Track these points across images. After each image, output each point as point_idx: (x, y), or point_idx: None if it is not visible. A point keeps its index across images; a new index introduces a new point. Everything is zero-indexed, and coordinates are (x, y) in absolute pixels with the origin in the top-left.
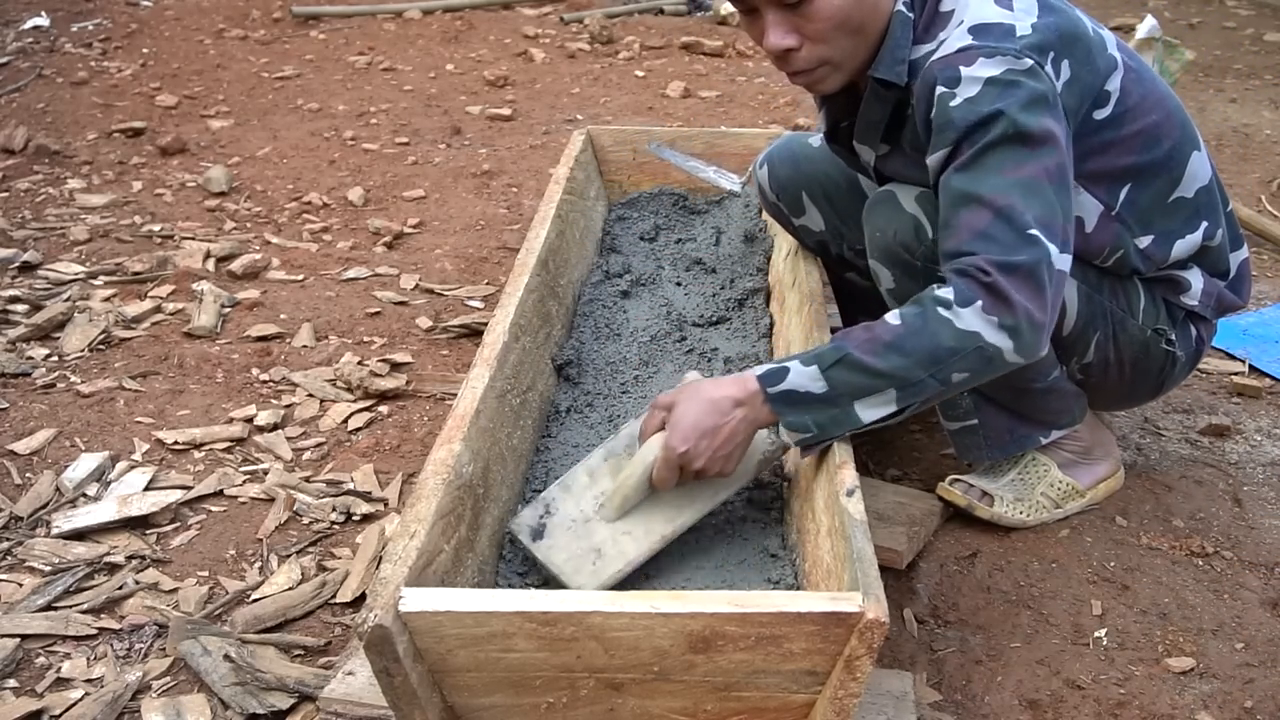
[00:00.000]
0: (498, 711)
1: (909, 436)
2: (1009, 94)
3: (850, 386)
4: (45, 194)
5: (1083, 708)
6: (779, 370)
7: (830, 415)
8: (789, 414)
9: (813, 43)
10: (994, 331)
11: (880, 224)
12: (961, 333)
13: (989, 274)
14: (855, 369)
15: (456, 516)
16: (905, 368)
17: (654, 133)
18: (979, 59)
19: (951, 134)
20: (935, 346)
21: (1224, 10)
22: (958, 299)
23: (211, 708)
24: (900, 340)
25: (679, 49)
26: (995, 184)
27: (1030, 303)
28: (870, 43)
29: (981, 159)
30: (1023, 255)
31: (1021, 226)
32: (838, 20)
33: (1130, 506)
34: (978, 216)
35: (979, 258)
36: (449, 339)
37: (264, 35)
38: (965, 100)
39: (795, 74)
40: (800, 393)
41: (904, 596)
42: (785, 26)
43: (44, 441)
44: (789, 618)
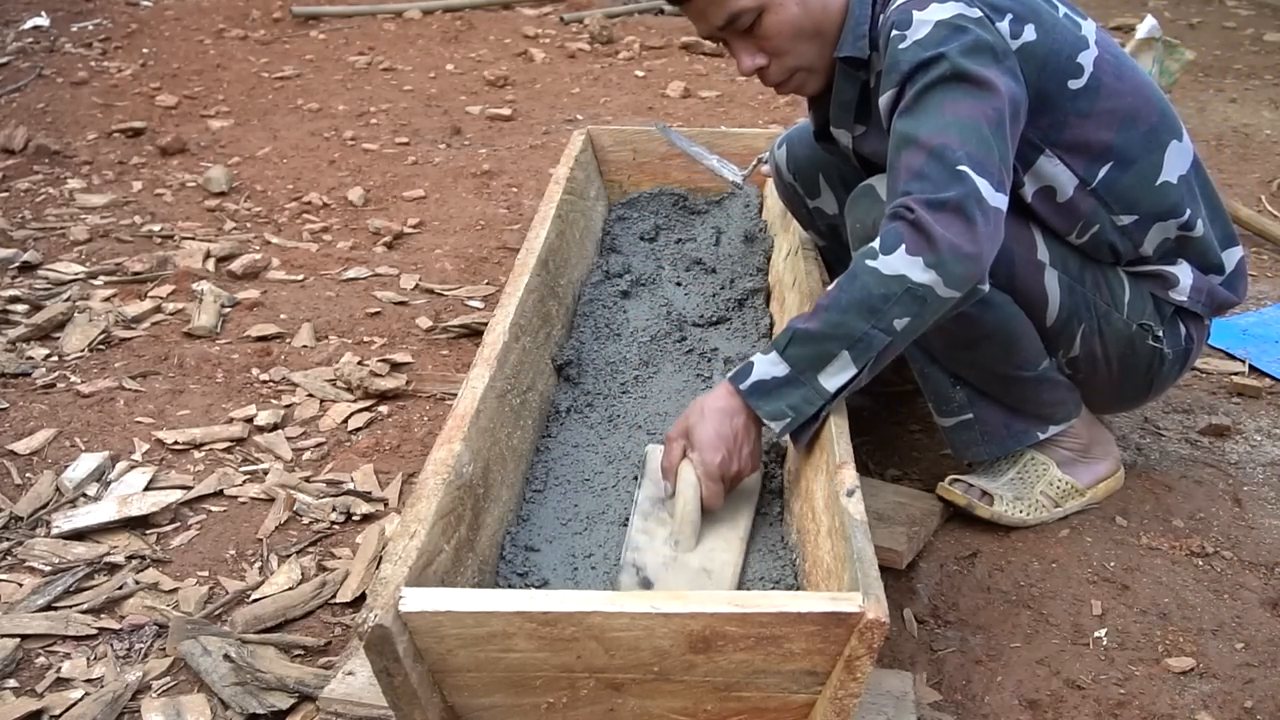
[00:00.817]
0: (498, 711)
1: (909, 436)
2: (954, 38)
3: (807, 359)
4: (45, 194)
5: (1083, 708)
6: (745, 367)
7: (800, 394)
8: (764, 404)
9: (777, 57)
10: (920, 270)
11: (860, 215)
12: (887, 278)
13: (914, 211)
14: (805, 341)
15: (456, 516)
16: (844, 323)
17: (654, 133)
18: (931, 3)
19: (896, 75)
20: (866, 295)
21: (1224, 10)
22: (881, 246)
23: (211, 708)
24: (834, 299)
25: (679, 49)
26: (932, 124)
27: (957, 236)
28: (833, 38)
29: (921, 100)
30: (950, 191)
31: (952, 163)
32: (790, 31)
33: (1130, 506)
34: (914, 157)
35: (909, 198)
36: (449, 339)
37: (264, 35)
38: (914, 42)
39: (776, 87)
40: (768, 381)
41: (904, 596)
42: (750, 49)
43: (44, 441)
44: (789, 618)
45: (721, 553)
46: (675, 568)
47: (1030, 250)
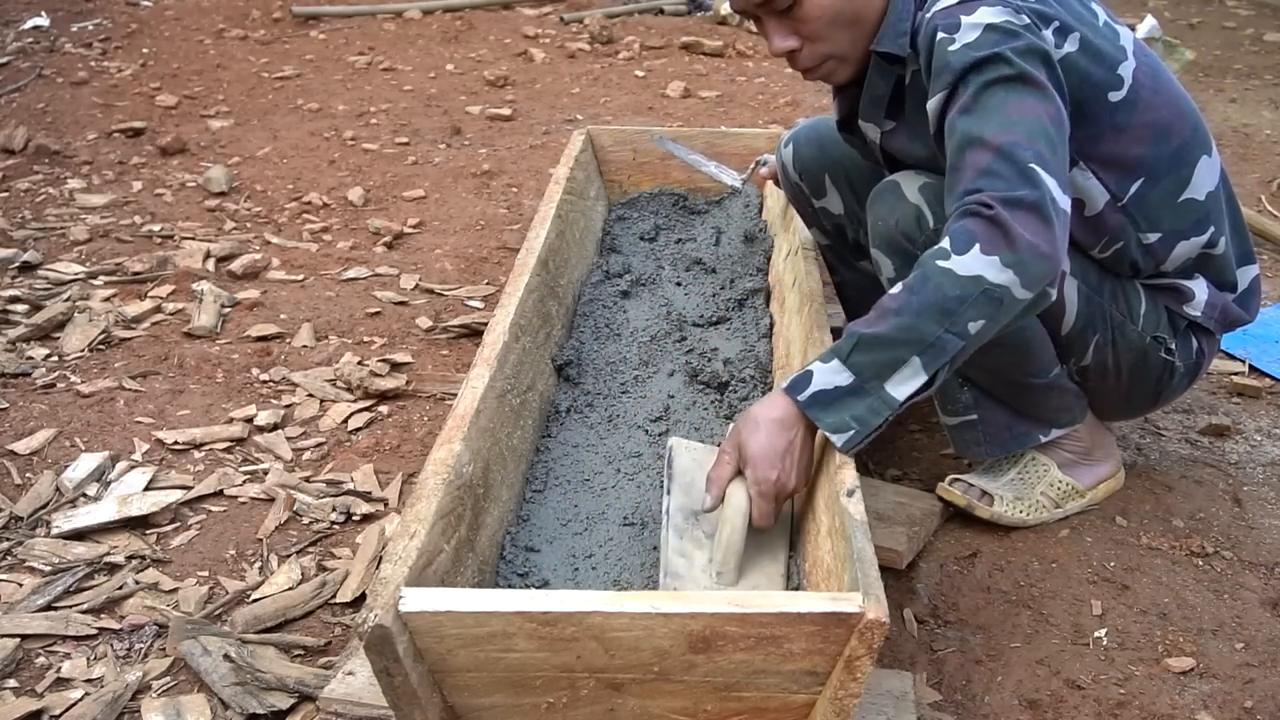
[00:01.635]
0: (498, 711)
1: (909, 436)
2: (1007, 41)
3: (874, 367)
4: (45, 194)
5: (1083, 708)
6: (803, 376)
7: (865, 405)
8: (826, 416)
9: (811, 42)
10: (997, 270)
11: (882, 213)
12: (963, 279)
13: (992, 207)
14: (873, 346)
15: (456, 516)
16: (917, 328)
17: (654, 133)
18: (980, 7)
19: (949, 76)
20: (941, 298)
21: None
22: (954, 246)
23: (211, 708)
24: (906, 303)
25: (679, 49)
26: (997, 121)
27: (1035, 236)
28: (870, 29)
29: (981, 98)
30: (1025, 190)
31: (1023, 161)
32: (828, 18)
33: (1130, 506)
34: (981, 155)
35: (983, 194)
36: (449, 339)
37: (264, 35)
38: (964, 45)
39: (804, 72)
40: (829, 390)
41: (904, 596)
42: (783, 30)
43: (44, 441)
44: (789, 618)
45: (765, 586)
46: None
47: None
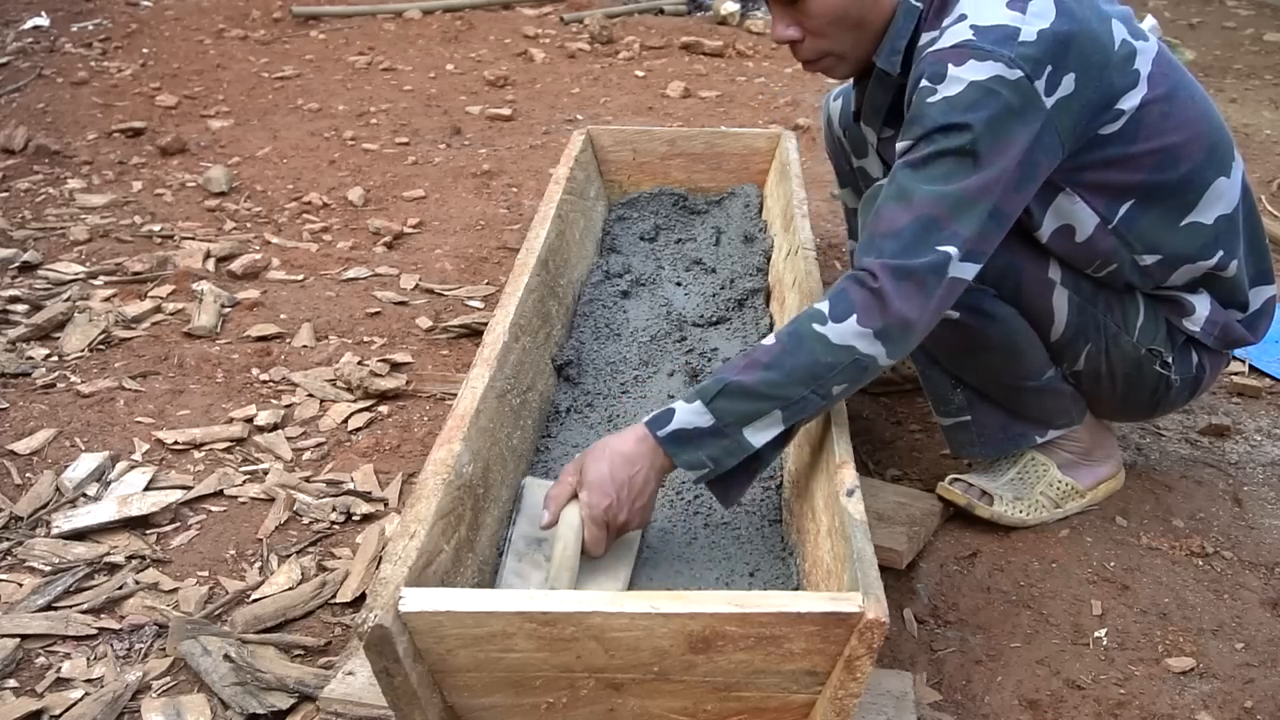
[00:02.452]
0: (498, 711)
1: (909, 436)
2: (985, 104)
3: (735, 414)
4: (45, 194)
5: (1083, 708)
6: (665, 413)
7: (722, 446)
8: (682, 453)
9: (813, 36)
10: (868, 342)
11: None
12: (836, 347)
13: (875, 278)
14: (737, 396)
15: (456, 516)
16: (784, 386)
17: (654, 133)
18: (969, 60)
19: (918, 129)
20: (812, 363)
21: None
22: (832, 313)
23: (211, 708)
24: (778, 360)
25: (679, 49)
26: (929, 190)
27: (907, 308)
28: (874, 34)
29: (931, 163)
30: (916, 260)
31: (933, 241)
32: (832, 16)
33: (1130, 506)
34: (899, 214)
35: (875, 262)
36: (449, 339)
37: (264, 35)
38: (944, 99)
39: (804, 63)
40: (689, 430)
41: (904, 596)
42: (787, 20)
43: (44, 441)
44: (789, 618)
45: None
46: None
47: (1041, 269)
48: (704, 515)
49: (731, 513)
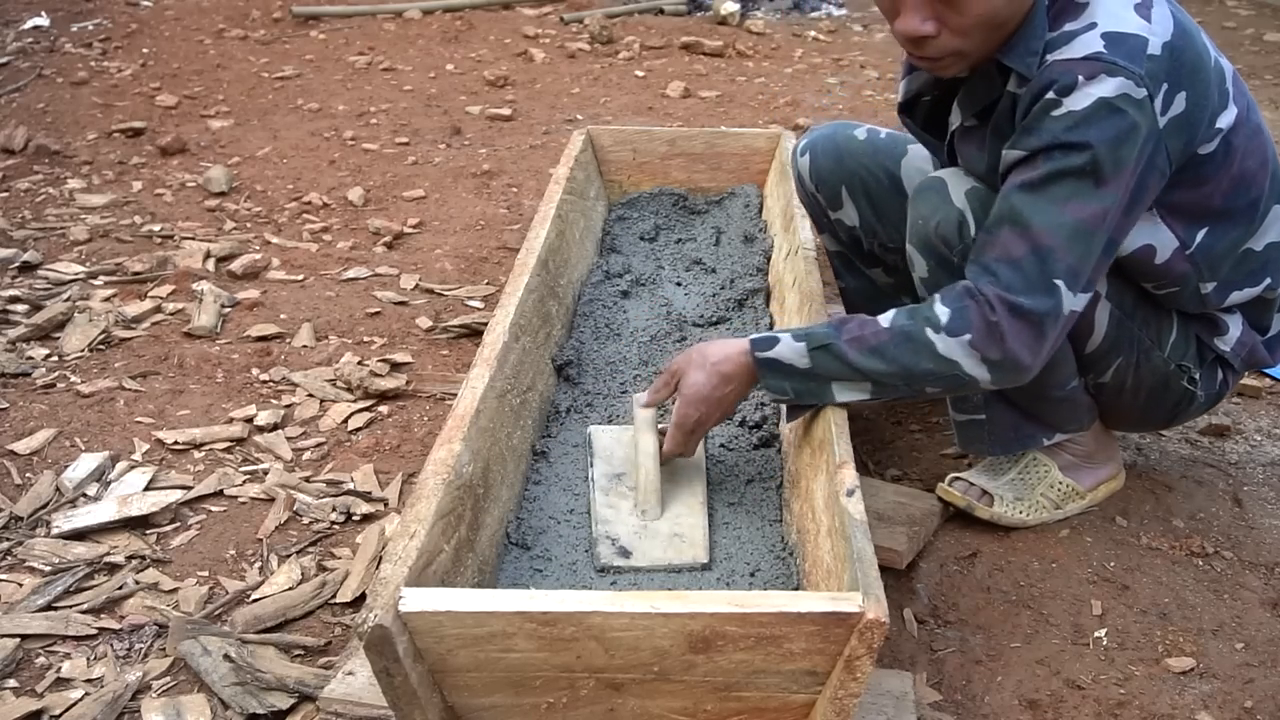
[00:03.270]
0: (498, 711)
1: (909, 436)
2: (1109, 123)
3: (829, 371)
4: (45, 194)
5: (1083, 708)
6: (770, 339)
7: (807, 387)
8: (770, 378)
9: (953, 34)
10: (974, 364)
11: (925, 211)
12: (942, 359)
13: (995, 311)
14: (838, 359)
15: (456, 516)
16: (882, 373)
17: (654, 133)
18: (1101, 74)
19: (1036, 142)
20: (914, 364)
21: (1224, 10)
22: (949, 325)
23: (211, 708)
24: (884, 347)
25: (679, 49)
26: (1048, 217)
27: (1023, 349)
28: (1006, 34)
29: (1049, 184)
30: (1037, 301)
31: (1049, 274)
32: (986, 17)
33: (1130, 506)
34: (1017, 243)
35: (996, 289)
36: (449, 339)
37: (264, 35)
38: (1068, 113)
39: (923, 57)
40: (784, 364)
41: (904, 596)
42: (926, 11)
43: (44, 441)
44: (789, 618)
45: (687, 517)
46: (647, 535)
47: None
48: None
49: (732, 513)
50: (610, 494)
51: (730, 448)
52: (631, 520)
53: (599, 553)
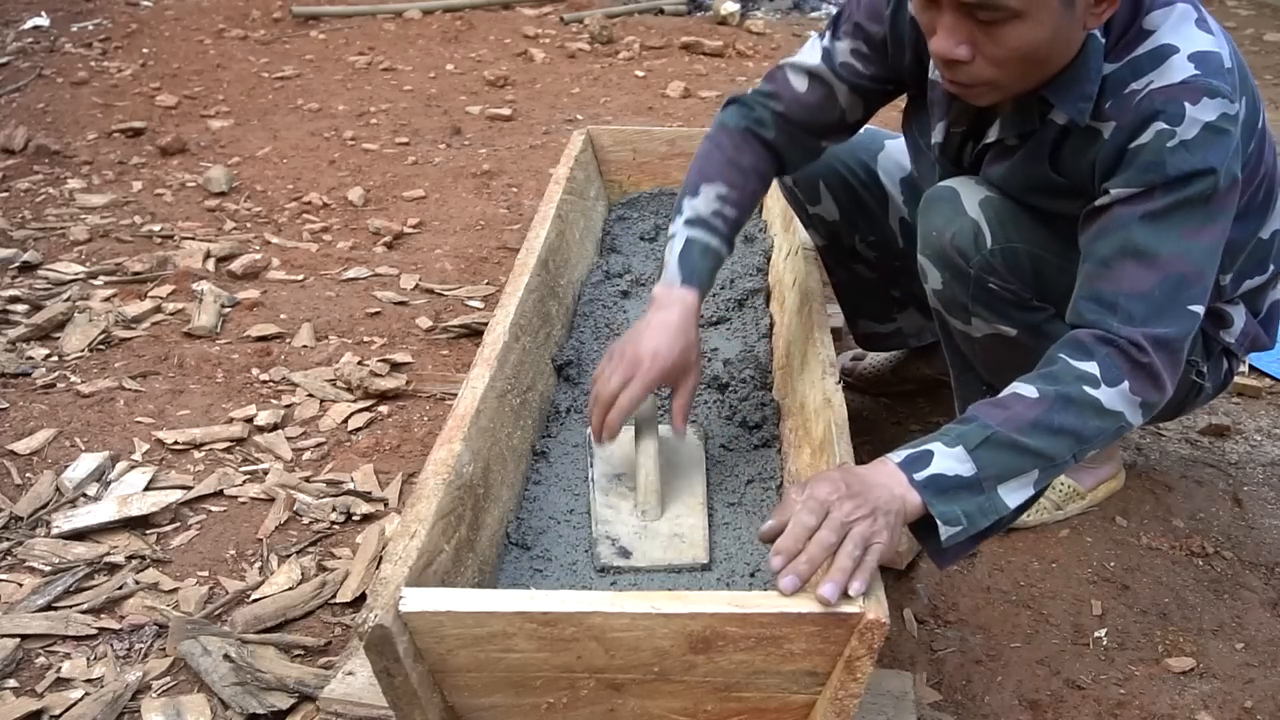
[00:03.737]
0: (498, 712)
1: (909, 436)
2: (1220, 145)
3: (998, 468)
4: (45, 194)
5: (1083, 708)
6: (921, 455)
7: (977, 503)
8: (940, 504)
9: (987, 63)
10: (1134, 410)
11: (938, 223)
12: (1108, 413)
13: (1147, 353)
14: (1005, 448)
15: (457, 516)
16: (1053, 448)
17: (654, 133)
18: (1203, 98)
19: (1154, 177)
20: (1083, 425)
21: (1224, 10)
22: (1105, 377)
23: (211, 708)
24: (1046, 419)
25: (679, 49)
26: (1176, 245)
27: (1170, 379)
28: (1047, 72)
29: (1172, 213)
30: (1175, 329)
31: (1185, 300)
32: (1025, 52)
33: (1130, 506)
34: (1145, 275)
35: (1133, 327)
36: (449, 339)
37: (264, 35)
38: (1181, 143)
39: (953, 82)
40: (949, 478)
41: (904, 596)
42: (961, 35)
43: (44, 441)
44: (789, 618)
45: (688, 518)
46: (647, 535)
47: None
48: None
49: (732, 513)
50: (610, 494)
51: (730, 448)
52: (632, 520)
53: (599, 553)
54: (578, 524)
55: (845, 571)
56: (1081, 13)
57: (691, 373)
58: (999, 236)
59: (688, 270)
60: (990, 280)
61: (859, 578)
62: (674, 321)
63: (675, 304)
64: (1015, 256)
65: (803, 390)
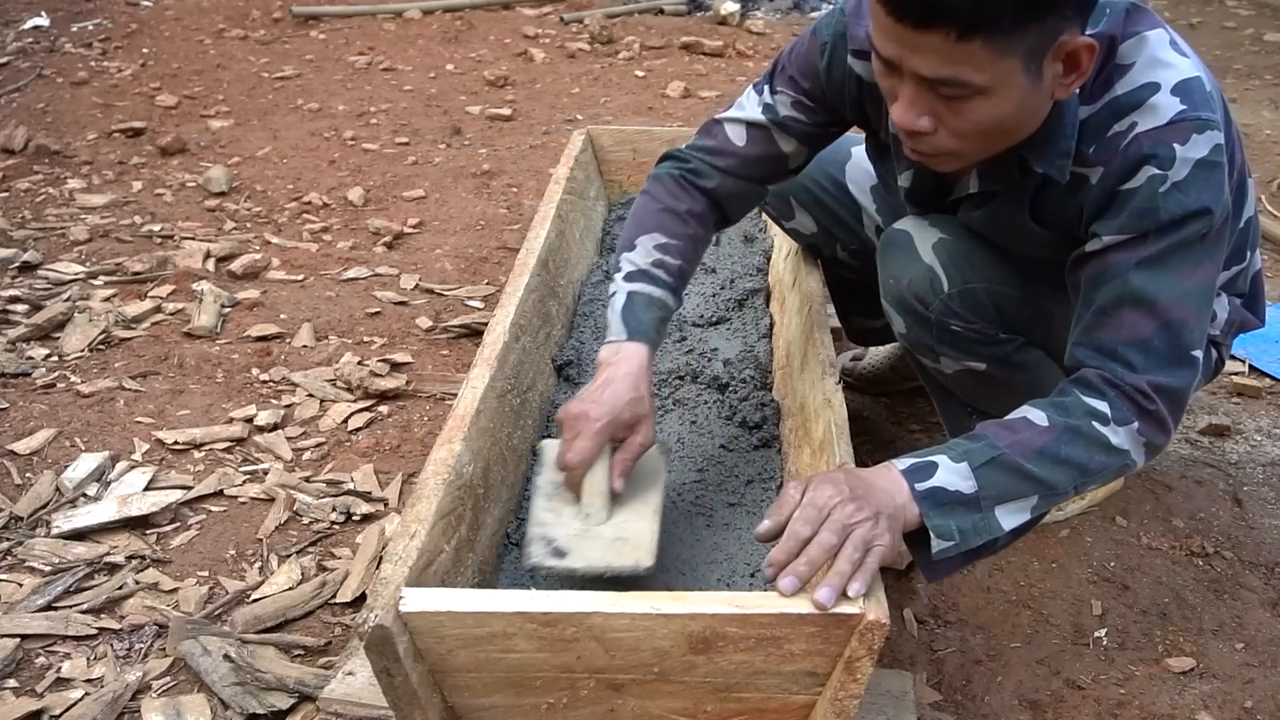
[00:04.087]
0: (498, 712)
1: (909, 436)
2: (1214, 181)
3: (998, 489)
4: (45, 194)
5: (1083, 708)
6: (925, 465)
7: (972, 521)
8: (936, 516)
9: (949, 134)
10: (1140, 451)
11: (895, 270)
12: (1116, 450)
13: (1153, 401)
14: (1008, 470)
15: (457, 516)
16: (1056, 477)
17: (654, 133)
18: (1191, 135)
19: (1149, 223)
20: (1089, 459)
21: (1224, 10)
22: (1115, 416)
23: (211, 708)
24: (1053, 448)
25: (679, 49)
26: (1174, 290)
27: (1176, 423)
28: (1013, 141)
29: (1168, 257)
30: (1179, 377)
31: (1186, 346)
32: (988, 126)
33: (1130, 506)
34: (1144, 322)
35: (1135, 376)
36: (449, 339)
37: (264, 35)
38: (1174, 186)
39: (914, 151)
40: (949, 492)
41: (904, 596)
42: (923, 107)
43: (44, 441)
44: (790, 619)
45: (635, 522)
46: (588, 537)
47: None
48: (705, 516)
49: (732, 513)
50: (554, 499)
51: (730, 448)
52: (573, 523)
53: (530, 552)
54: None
55: (843, 575)
56: (1049, 85)
57: (641, 427)
58: (955, 279)
59: (632, 325)
60: (952, 323)
61: (859, 579)
62: (619, 377)
63: (622, 362)
64: (974, 296)
65: (803, 390)
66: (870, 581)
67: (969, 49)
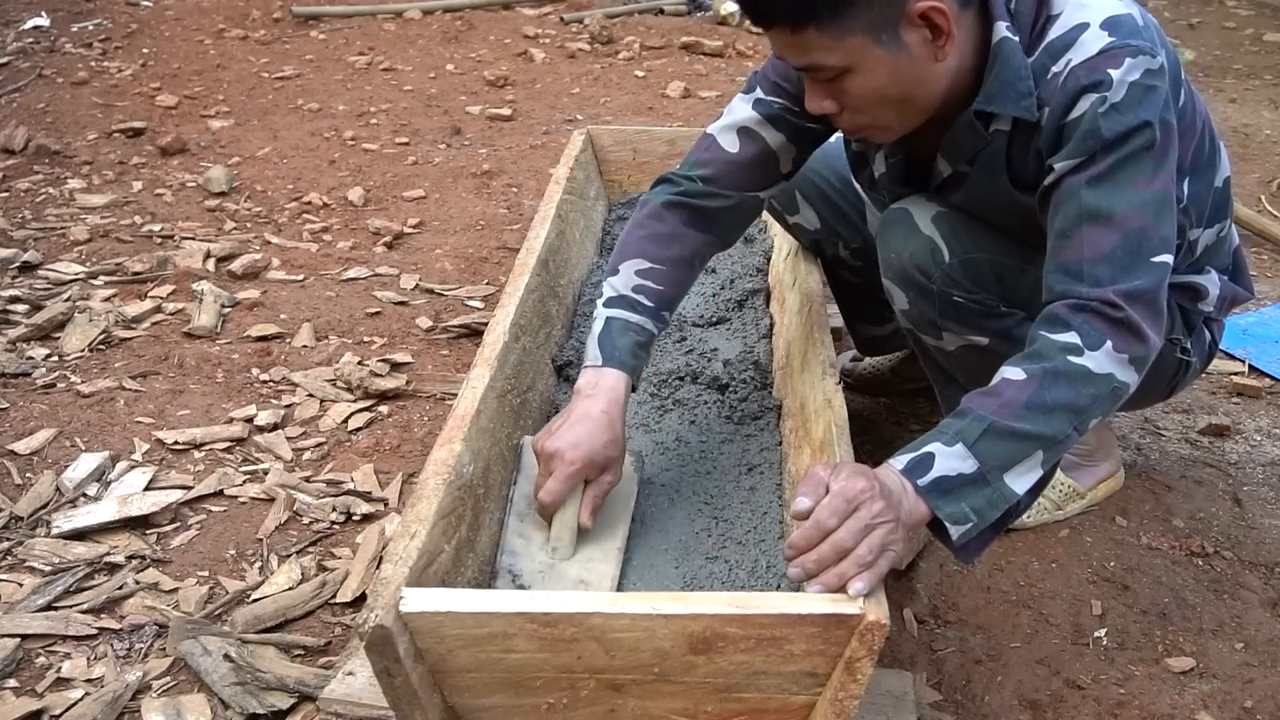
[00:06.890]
0: (498, 712)
1: (909, 436)
2: (1151, 99)
3: (1000, 458)
4: (45, 194)
5: (1083, 708)
6: (922, 459)
7: (984, 496)
8: (945, 505)
9: (851, 111)
10: (1124, 368)
11: (895, 245)
12: (1098, 377)
13: (1121, 309)
14: (1003, 437)
15: (457, 516)
16: (1052, 427)
17: (654, 133)
18: (1125, 59)
19: (1093, 143)
20: (1076, 397)
21: (1224, 10)
22: (1086, 343)
23: (211, 708)
24: (1038, 397)
25: (679, 49)
26: (1128, 201)
27: (1153, 330)
28: (925, 103)
29: (1117, 172)
30: (1147, 280)
31: (1148, 252)
32: (872, 98)
33: (1130, 506)
34: (1104, 236)
35: (1101, 289)
36: (449, 339)
37: (264, 35)
38: (1113, 107)
39: (845, 130)
40: (951, 477)
41: (904, 596)
42: (821, 94)
43: (44, 441)
44: (790, 619)
45: (599, 564)
46: (552, 576)
47: None
48: (705, 516)
49: (733, 513)
50: (525, 520)
51: (730, 448)
52: (540, 556)
53: (496, 585)
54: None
55: (842, 577)
56: (920, 50)
57: (612, 469)
58: (956, 249)
59: (608, 351)
60: (954, 294)
61: (863, 579)
62: (596, 413)
63: (600, 394)
64: (975, 266)
65: (803, 390)
66: (874, 582)
67: (808, 38)
